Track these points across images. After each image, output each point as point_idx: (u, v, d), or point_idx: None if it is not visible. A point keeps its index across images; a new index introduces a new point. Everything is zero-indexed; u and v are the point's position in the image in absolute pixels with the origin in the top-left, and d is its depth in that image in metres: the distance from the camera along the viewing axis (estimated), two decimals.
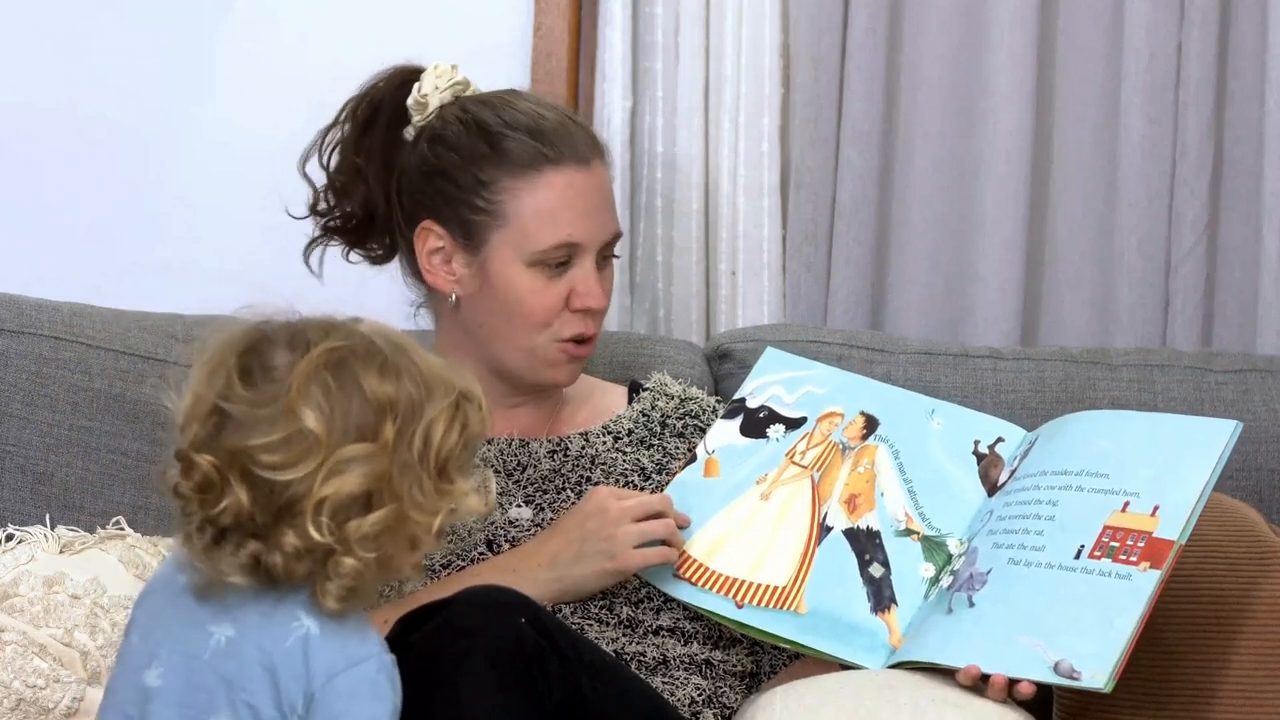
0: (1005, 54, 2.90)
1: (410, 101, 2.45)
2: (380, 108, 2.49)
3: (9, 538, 2.47)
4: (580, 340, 2.40)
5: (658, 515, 2.28)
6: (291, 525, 1.80)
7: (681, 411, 2.49)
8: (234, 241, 2.96)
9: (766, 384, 2.45)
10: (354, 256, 2.54)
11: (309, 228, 2.53)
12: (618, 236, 2.44)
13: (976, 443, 2.37)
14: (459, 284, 2.41)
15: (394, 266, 2.53)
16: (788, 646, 2.29)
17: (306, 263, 2.51)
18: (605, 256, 2.43)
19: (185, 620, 1.86)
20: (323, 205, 2.52)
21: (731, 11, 2.93)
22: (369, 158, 2.48)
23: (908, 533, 2.31)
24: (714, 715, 2.29)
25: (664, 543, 2.27)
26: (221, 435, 1.82)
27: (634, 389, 2.53)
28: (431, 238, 2.42)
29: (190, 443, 1.83)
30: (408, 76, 2.48)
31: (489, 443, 2.41)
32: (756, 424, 2.42)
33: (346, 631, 1.83)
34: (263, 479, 1.80)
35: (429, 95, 2.45)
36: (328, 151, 2.50)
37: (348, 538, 1.81)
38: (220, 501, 1.81)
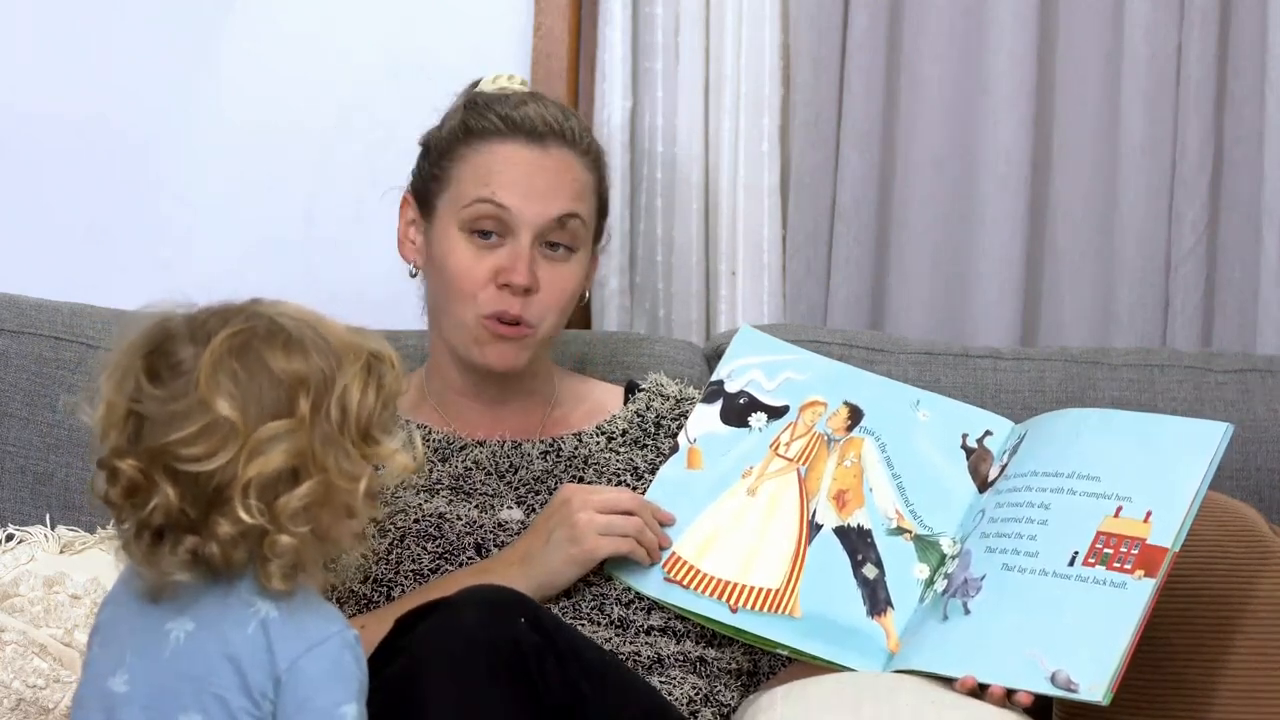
0: (1005, 54, 2.90)
1: None
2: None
3: (9, 538, 2.47)
4: (505, 320, 2.36)
5: (627, 513, 2.28)
6: (222, 513, 1.81)
7: (677, 412, 2.48)
8: (234, 241, 2.96)
9: (745, 366, 2.43)
10: None
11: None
12: (564, 224, 2.37)
13: (965, 436, 2.35)
14: (419, 254, 2.43)
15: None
16: (784, 653, 2.29)
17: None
18: (551, 244, 2.38)
19: (143, 622, 1.86)
20: None
21: (731, 11, 2.93)
22: None
23: (899, 531, 2.30)
24: (712, 714, 2.28)
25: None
26: (140, 437, 1.84)
27: (630, 389, 2.53)
28: (408, 209, 2.45)
29: (111, 450, 1.85)
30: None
31: (480, 444, 2.41)
32: (737, 411, 2.40)
33: (304, 611, 1.84)
34: (187, 473, 1.82)
35: None
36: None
37: (279, 516, 1.82)
38: (149, 502, 1.82)
